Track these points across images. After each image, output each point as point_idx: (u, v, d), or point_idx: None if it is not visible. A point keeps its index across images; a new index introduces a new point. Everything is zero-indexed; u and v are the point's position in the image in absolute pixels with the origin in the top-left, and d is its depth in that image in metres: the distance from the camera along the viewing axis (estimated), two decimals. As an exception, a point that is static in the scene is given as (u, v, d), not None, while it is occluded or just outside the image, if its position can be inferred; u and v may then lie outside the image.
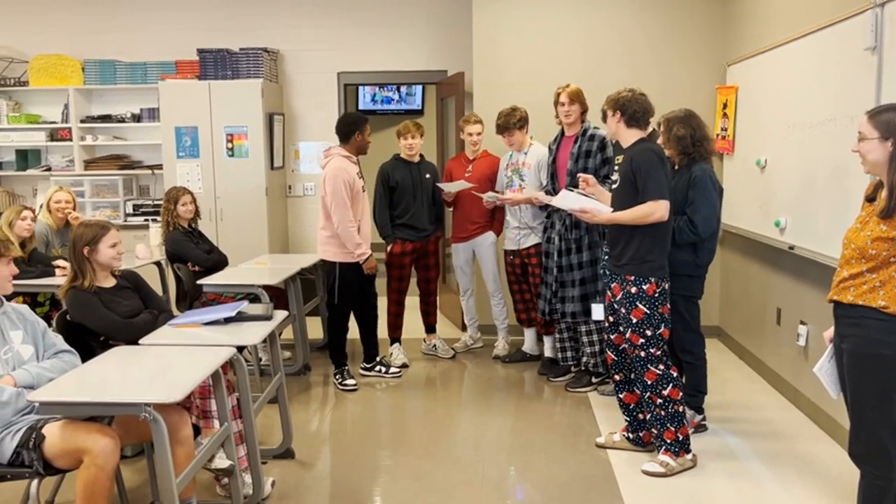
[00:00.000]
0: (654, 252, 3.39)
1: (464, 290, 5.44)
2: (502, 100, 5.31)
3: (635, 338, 3.41)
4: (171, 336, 3.15)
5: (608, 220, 3.46)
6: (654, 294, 3.38)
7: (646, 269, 3.38)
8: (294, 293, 4.89)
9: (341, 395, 4.68)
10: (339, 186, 4.52)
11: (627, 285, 3.41)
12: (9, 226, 4.61)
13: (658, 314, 3.39)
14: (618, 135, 3.50)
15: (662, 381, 3.41)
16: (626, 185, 3.40)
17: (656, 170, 3.31)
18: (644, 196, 3.31)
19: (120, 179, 6.54)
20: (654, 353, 3.40)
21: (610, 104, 3.48)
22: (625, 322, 3.45)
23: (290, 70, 6.66)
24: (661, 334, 3.41)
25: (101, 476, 2.45)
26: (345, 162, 4.62)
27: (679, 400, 3.43)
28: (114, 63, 6.51)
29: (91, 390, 2.49)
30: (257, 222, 6.24)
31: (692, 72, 5.54)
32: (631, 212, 3.35)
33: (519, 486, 3.41)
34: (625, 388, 3.66)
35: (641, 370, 3.43)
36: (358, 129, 4.67)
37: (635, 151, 3.38)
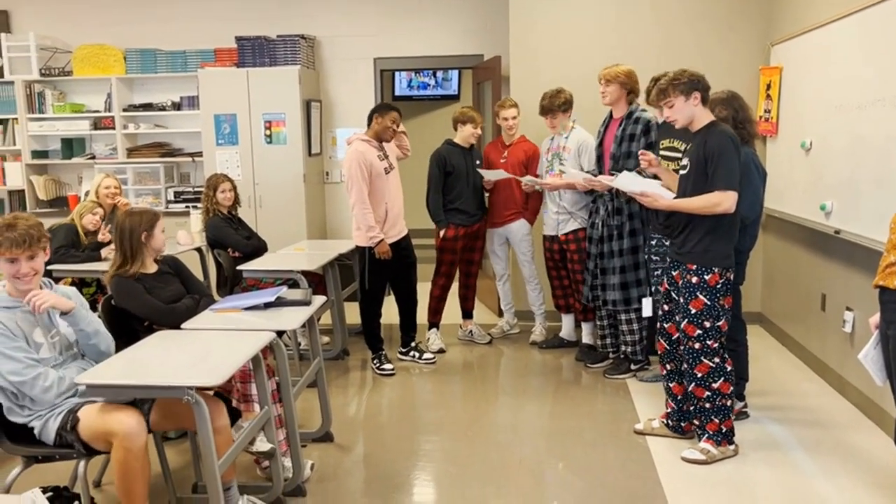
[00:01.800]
0: (720, 241, 3.26)
1: (500, 276, 5.42)
2: (539, 84, 5.25)
3: (691, 329, 3.32)
4: (213, 321, 3.20)
5: (668, 206, 3.32)
6: (716, 284, 3.26)
7: (709, 259, 3.26)
8: (332, 278, 4.94)
9: (379, 380, 4.72)
10: (353, 169, 4.55)
11: (688, 274, 3.30)
12: (79, 217, 4.77)
13: (719, 305, 3.28)
14: (694, 117, 3.29)
15: (714, 374, 3.32)
16: (697, 171, 3.24)
17: (730, 157, 3.15)
18: (712, 184, 3.17)
19: (161, 167, 6.65)
20: (710, 346, 3.31)
21: (683, 87, 3.23)
22: (682, 312, 3.35)
23: (327, 56, 6.68)
24: (719, 326, 3.31)
25: (130, 457, 2.50)
26: (363, 145, 4.64)
27: (728, 394, 3.36)
28: (154, 52, 6.60)
29: (135, 373, 2.54)
30: (295, 208, 6.30)
31: (734, 52, 5.40)
32: (694, 200, 3.22)
33: (557, 470, 3.40)
34: (675, 378, 3.58)
35: (693, 362, 3.35)
36: (377, 114, 4.69)
37: (710, 135, 3.22)
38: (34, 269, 2.69)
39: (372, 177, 4.59)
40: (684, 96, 3.25)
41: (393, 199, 4.73)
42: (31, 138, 6.72)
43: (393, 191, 4.74)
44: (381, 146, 4.72)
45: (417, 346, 5.07)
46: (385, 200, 4.67)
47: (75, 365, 2.79)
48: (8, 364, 2.57)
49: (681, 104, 3.27)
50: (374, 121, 4.69)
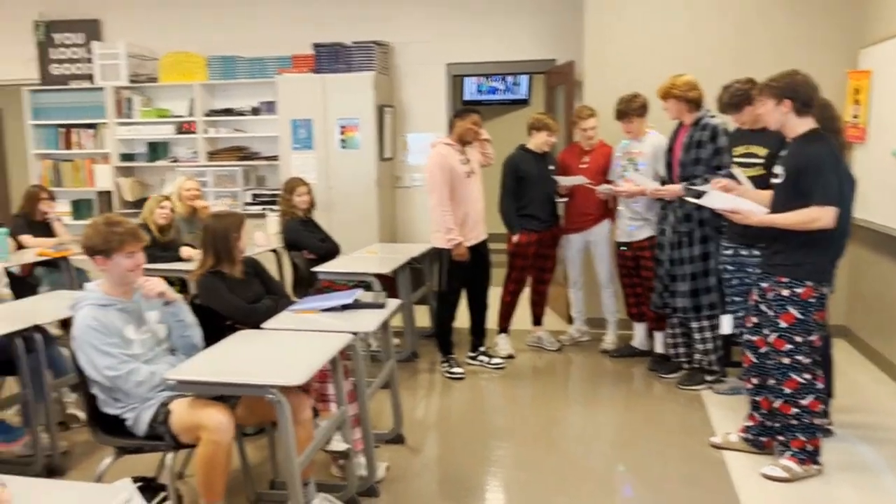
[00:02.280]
0: (814, 255, 3.12)
1: (573, 282, 5.37)
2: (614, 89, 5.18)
3: (781, 343, 3.21)
4: (292, 321, 3.28)
5: (762, 222, 3.16)
6: (808, 298, 3.14)
7: (802, 273, 3.13)
8: (403, 282, 4.99)
9: (448, 383, 4.74)
10: (435, 171, 4.60)
11: (779, 287, 3.19)
12: (150, 213, 4.97)
13: (811, 320, 3.16)
14: (785, 125, 3.17)
15: (804, 391, 3.21)
16: (792, 183, 3.11)
17: (829, 171, 3.01)
18: (809, 199, 3.03)
19: (240, 170, 6.85)
20: (800, 361, 3.19)
21: (775, 91, 3.10)
22: (771, 325, 3.24)
23: (400, 62, 6.76)
24: (811, 341, 3.19)
25: (218, 451, 2.59)
26: (445, 149, 4.68)
27: (818, 412, 3.24)
28: (235, 59, 6.81)
29: (221, 371, 2.63)
30: (367, 212, 6.39)
31: (818, 56, 5.20)
32: (790, 216, 3.06)
33: (629, 483, 3.35)
34: (762, 392, 3.45)
35: (782, 378, 3.24)
36: (458, 118, 4.74)
37: (806, 147, 3.09)
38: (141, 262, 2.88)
39: (453, 180, 4.63)
40: (775, 100, 3.14)
41: (473, 204, 4.75)
42: (119, 142, 7.03)
43: (473, 195, 4.76)
44: (464, 150, 4.75)
45: (486, 350, 5.07)
46: (465, 204, 4.69)
47: (165, 360, 2.91)
48: (104, 359, 2.69)
49: (771, 107, 3.16)
50: (455, 124, 4.73)
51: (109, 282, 2.85)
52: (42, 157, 7.20)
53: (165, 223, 5.03)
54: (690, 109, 4.31)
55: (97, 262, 2.80)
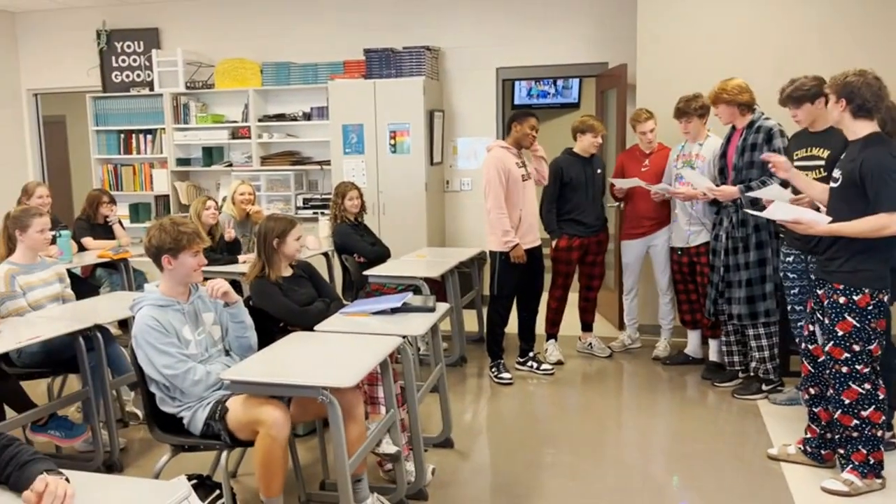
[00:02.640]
0: (872, 261, 3.04)
1: (628, 289, 5.29)
2: (668, 92, 5.09)
3: (838, 352, 3.11)
4: (343, 324, 3.31)
5: (827, 231, 3.06)
6: (866, 306, 3.05)
7: (859, 280, 3.05)
8: (452, 286, 4.99)
9: (496, 388, 4.72)
10: (492, 173, 4.60)
11: (835, 294, 3.10)
12: (197, 216, 5.06)
13: (870, 328, 3.06)
14: (842, 125, 3.12)
15: (864, 401, 3.10)
16: (850, 188, 3.03)
17: (893, 176, 2.91)
18: (877, 206, 2.93)
19: (292, 174, 6.96)
20: (859, 371, 3.09)
21: (834, 88, 3.06)
22: (828, 333, 3.15)
23: (450, 67, 6.79)
24: (870, 350, 3.08)
25: (275, 446, 2.62)
26: (502, 152, 4.68)
27: (880, 424, 3.12)
28: (288, 65, 6.93)
29: (274, 372, 2.67)
30: (417, 216, 6.42)
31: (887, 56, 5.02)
32: (857, 225, 2.96)
33: (684, 494, 3.28)
34: (820, 402, 3.36)
35: (840, 387, 3.13)
36: (516, 122, 4.72)
37: (868, 151, 2.99)
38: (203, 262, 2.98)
39: (509, 183, 4.62)
40: (835, 98, 3.07)
41: (528, 207, 4.74)
42: (176, 147, 7.21)
43: (528, 199, 4.74)
44: (520, 154, 4.74)
45: (535, 356, 5.04)
46: (520, 207, 4.68)
47: (220, 361, 2.97)
48: (162, 358, 2.76)
49: (830, 105, 3.11)
50: (512, 128, 4.73)
51: (170, 282, 2.91)
52: (103, 161, 7.44)
53: (213, 223, 5.12)
54: (743, 113, 4.22)
55: (164, 261, 2.87)
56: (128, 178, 7.38)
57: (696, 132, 4.63)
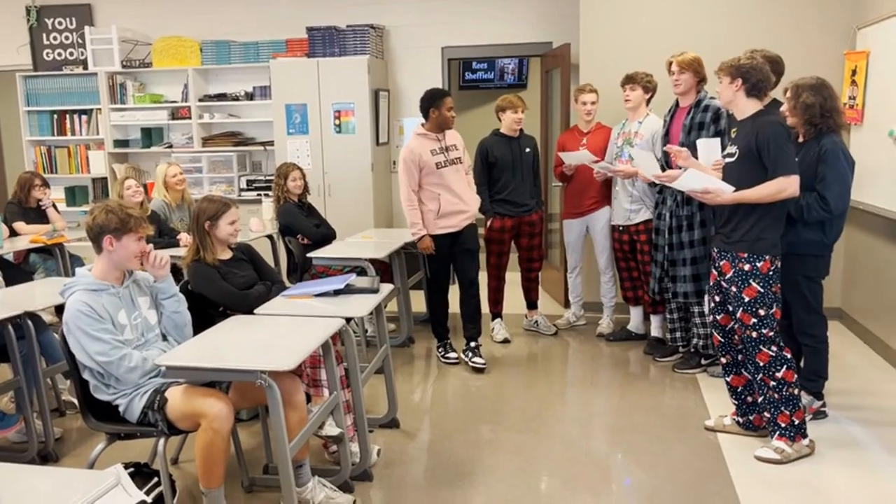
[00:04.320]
0: (770, 229, 3.23)
1: (572, 267, 5.35)
2: (611, 72, 5.15)
3: (747, 318, 3.26)
4: (284, 307, 3.27)
5: (733, 199, 3.23)
6: (768, 272, 3.22)
7: (761, 247, 3.22)
8: (398, 267, 4.98)
9: (443, 368, 4.74)
10: (400, 167, 4.58)
11: (740, 262, 3.25)
12: (119, 198, 4.89)
13: (771, 293, 3.23)
14: (733, 104, 3.30)
15: (776, 363, 3.26)
16: (748, 160, 3.21)
17: (786, 143, 3.14)
18: (775, 171, 3.13)
19: (234, 155, 6.82)
20: (766, 334, 3.25)
21: (727, 70, 3.27)
22: (735, 301, 3.29)
23: (395, 46, 6.72)
24: (773, 314, 3.25)
25: (217, 439, 2.59)
26: (417, 141, 4.59)
27: (794, 383, 3.27)
28: (229, 43, 6.76)
29: (211, 357, 2.62)
30: (363, 197, 6.37)
31: (815, 38, 5.17)
32: (759, 190, 3.16)
33: (625, 466, 3.35)
34: (732, 370, 3.51)
35: (753, 351, 3.28)
36: (433, 106, 4.57)
37: (761, 124, 3.19)
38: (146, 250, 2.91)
39: (422, 173, 4.56)
40: (730, 79, 3.24)
41: (450, 192, 4.60)
42: (113, 128, 6.99)
43: (452, 183, 4.60)
44: (442, 138, 4.62)
45: (478, 347, 4.76)
46: (438, 195, 4.59)
47: (157, 346, 2.90)
48: (95, 345, 2.68)
49: (723, 86, 3.28)
50: (430, 114, 4.60)
51: (107, 266, 2.83)
52: (35, 143, 7.17)
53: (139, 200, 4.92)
54: (697, 88, 4.28)
55: (106, 241, 2.77)
56: (63, 161, 7.13)
57: (637, 103, 4.67)
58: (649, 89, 4.66)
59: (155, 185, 5.49)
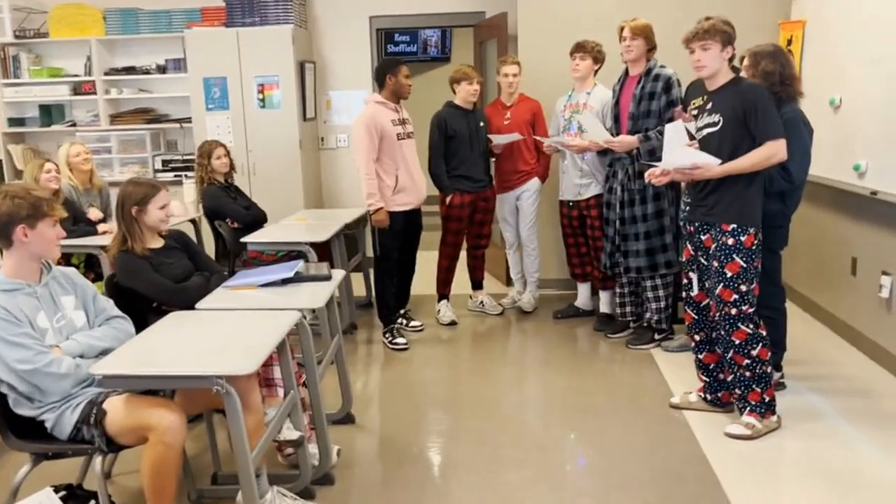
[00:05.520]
0: (755, 198, 3.14)
1: (510, 244, 5.20)
2: (550, 43, 5.01)
3: (728, 293, 3.15)
4: (228, 300, 2.95)
5: (723, 172, 3.09)
6: (751, 245, 3.13)
7: (745, 218, 3.11)
8: (339, 250, 4.69)
9: (391, 355, 4.51)
10: (360, 132, 4.33)
11: (723, 236, 3.14)
12: (35, 182, 4.40)
13: (753, 268, 3.15)
14: (718, 72, 3.13)
15: (753, 341, 3.18)
16: (733, 126, 3.09)
17: (772, 107, 3.05)
18: (763, 136, 3.04)
19: (147, 134, 6.31)
20: (745, 311, 3.16)
21: (720, 37, 3.07)
22: (716, 277, 3.18)
23: (320, 15, 6.34)
24: (753, 290, 3.16)
25: (170, 454, 2.29)
26: (377, 108, 4.39)
27: (768, 360, 3.21)
28: (136, 11, 6.21)
29: (157, 362, 2.30)
30: (291, 176, 6.01)
31: (750, 7, 5.15)
32: (749, 157, 3.05)
33: (590, 452, 3.23)
34: (705, 348, 3.43)
35: (730, 329, 3.18)
36: (389, 73, 4.42)
37: (744, 89, 3.09)
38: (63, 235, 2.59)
39: (383, 143, 4.34)
40: (721, 45, 3.09)
41: (406, 167, 4.48)
42: (7, 105, 6.33)
43: (407, 158, 4.49)
44: (399, 109, 4.45)
45: (406, 313, 4.88)
46: (397, 168, 4.42)
47: (88, 352, 2.54)
48: (15, 352, 2.31)
49: (717, 52, 3.10)
50: (386, 81, 4.41)
51: (20, 260, 2.44)
52: (-85, 123, 6.41)
53: (55, 188, 4.45)
54: (647, 57, 4.15)
55: (19, 232, 2.39)
56: (-52, 142, 6.40)
57: (586, 74, 4.51)
58: (599, 60, 4.51)
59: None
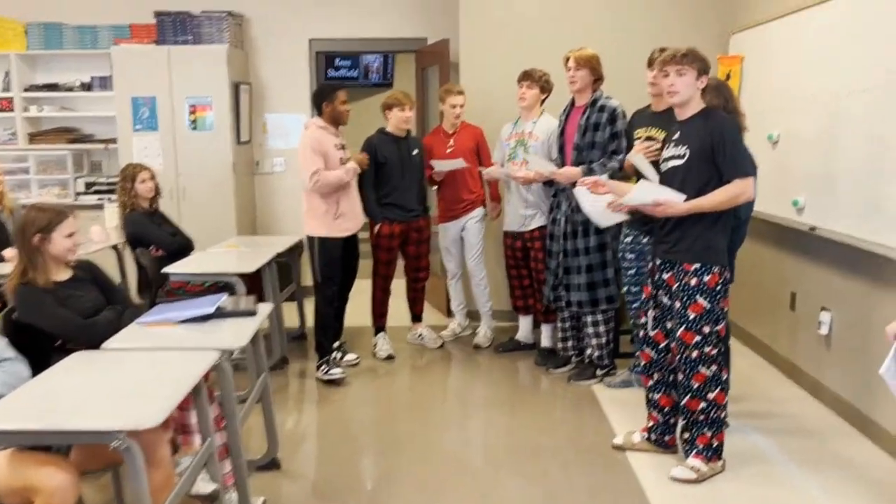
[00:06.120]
0: (720, 236, 3.02)
1: (452, 274, 5.06)
2: (493, 70, 4.95)
3: (689, 336, 3.02)
4: (141, 338, 2.71)
5: (688, 210, 2.94)
6: (716, 286, 2.99)
7: (710, 256, 2.99)
8: (271, 280, 4.45)
9: (324, 391, 4.28)
10: (307, 153, 4.17)
11: (686, 276, 3.01)
12: None
13: (718, 308, 3.02)
14: (690, 101, 3.02)
15: (711, 384, 3.05)
16: (700, 161, 2.94)
17: (741, 142, 2.94)
18: (731, 173, 2.90)
19: (69, 154, 5.97)
20: (708, 353, 3.03)
21: (696, 65, 2.94)
22: (678, 318, 3.05)
23: (257, 36, 6.13)
24: (717, 331, 3.04)
25: (59, 519, 2.03)
26: (320, 132, 4.25)
27: (723, 405, 3.10)
28: (60, 26, 5.90)
29: (50, 413, 2.04)
30: (223, 201, 5.75)
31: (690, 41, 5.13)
32: (715, 196, 2.90)
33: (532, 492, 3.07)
34: (661, 389, 3.28)
35: (690, 372, 3.05)
36: (326, 100, 4.28)
37: (715, 122, 2.95)
38: None
39: (327, 166, 4.18)
40: (697, 73, 2.98)
41: (348, 193, 4.34)
42: (-86, 121, 5.90)
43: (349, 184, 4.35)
44: (338, 134, 4.32)
45: (342, 346, 4.66)
46: (339, 194, 4.26)
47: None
48: None
49: (692, 80, 2.99)
50: (324, 108, 4.27)
51: None
52: None
53: None
54: (594, 87, 4.08)
55: None
56: None
57: (532, 103, 4.42)
58: (546, 90, 4.43)
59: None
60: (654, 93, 3.74)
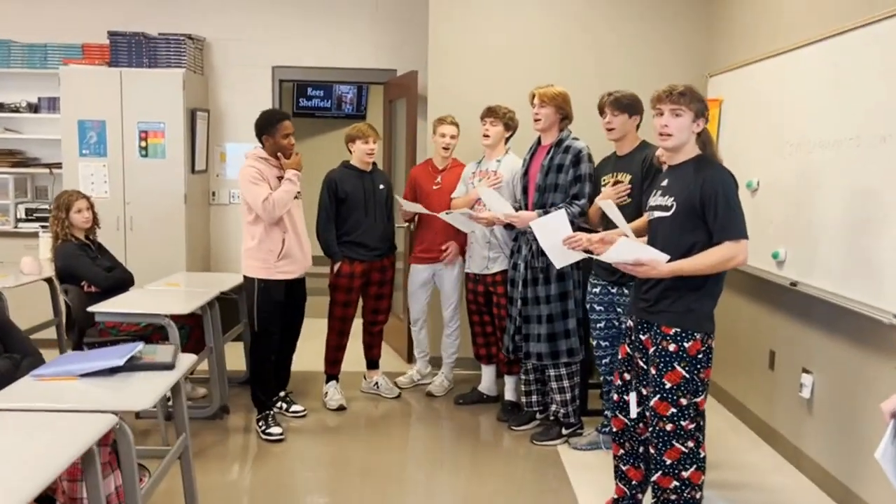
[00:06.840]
0: (705, 300, 2.69)
1: (415, 319, 4.73)
2: (462, 104, 4.71)
3: (664, 407, 2.70)
4: (33, 394, 2.35)
5: (673, 272, 2.62)
6: (697, 353, 2.67)
7: (690, 321, 2.67)
8: (211, 322, 4.10)
9: (264, 448, 3.90)
10: (247, 183, 3.83)
11: (664, 340, 2.71)
12: None
13: (698, 379, 2.68)
14: (686, 145, 2.74)
15: (686, 461, 2.72)
16: (687, 215, 2.65)
17: (736, 199, 2.59)
18: (722, 234, 2.58)
19: (11, 178, 5.61)
20: (684, 427, 2.70)
21: (694, 106, 2.67)
22: (653, 385, 2.72)
23: (218, 61, 5.85)
24: (696, 403, 2.70)
25: None
26: (261, 163, 3.92)
27: (699, 485, 2.78)
28: (8, 43, 5.58)
29: None
30: (173, 234, 5.40)
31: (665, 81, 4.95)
32: (702, 259, 2.60)
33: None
34: (630, 461, 2.98)
35: (663, 447, 2.73)
36: (265, 133, 3.92)
37: (710, 174, 2.64)
38: None
39: None
40: (694, 115, 2.70)
41: (296, 231, 4.01)
42: None
43: (296, 222, 4.02)
44: (280, 166, 3.98)
45: (288, 395, 4.35)
46: (284, 231, 3.93)
47: None
48: None
49: (688, 122, 2.71)
50: (263, 141, 3.95)
51: None
52: None
53: None
54: (560, 126, 3.83)
55: None
56: None
57: (496, 141, 4.16)
58: (511, 127, 4.18)
59: None
60: (612, 138, 3.56)
